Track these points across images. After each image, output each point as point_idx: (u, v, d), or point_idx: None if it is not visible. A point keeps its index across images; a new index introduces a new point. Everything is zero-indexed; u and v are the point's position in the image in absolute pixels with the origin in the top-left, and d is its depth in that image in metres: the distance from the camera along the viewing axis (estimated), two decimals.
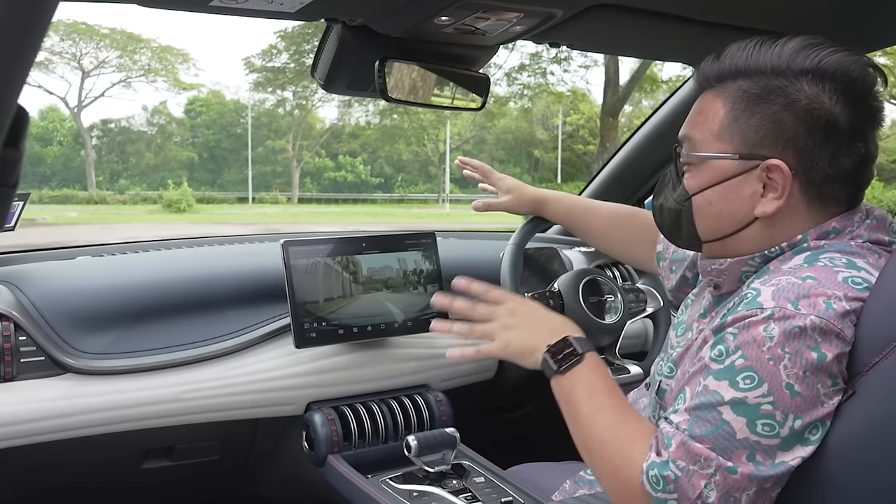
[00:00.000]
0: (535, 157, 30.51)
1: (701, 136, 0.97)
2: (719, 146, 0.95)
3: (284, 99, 30.49)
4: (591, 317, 1.67)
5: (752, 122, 0.92)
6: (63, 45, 27.07)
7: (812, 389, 0.81)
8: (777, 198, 0.92)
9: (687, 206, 0.99)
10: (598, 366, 0.97)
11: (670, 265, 1.28)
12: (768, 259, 0.95)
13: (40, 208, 23.14)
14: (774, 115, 0.91)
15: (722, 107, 0.95)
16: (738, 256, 0.97)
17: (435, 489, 1.25)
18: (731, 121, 0.94)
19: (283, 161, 31.14)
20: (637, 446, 0.88)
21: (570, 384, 0.96)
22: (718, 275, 1.00)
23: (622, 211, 1.50)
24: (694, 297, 1.14)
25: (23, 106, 0.50)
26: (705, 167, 0.96)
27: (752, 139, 0.92)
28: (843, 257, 0.89)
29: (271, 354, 1.42)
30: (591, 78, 51.66)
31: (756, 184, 0.93)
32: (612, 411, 0.92)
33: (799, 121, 0.90)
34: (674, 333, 1.12)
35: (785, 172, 0.90)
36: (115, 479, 1.43)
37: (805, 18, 1.28)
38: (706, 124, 0.96)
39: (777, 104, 0.91)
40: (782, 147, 0.91)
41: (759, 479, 0.81)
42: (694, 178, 0.98)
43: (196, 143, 32.45)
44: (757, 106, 0.92)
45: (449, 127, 30.23)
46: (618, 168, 1.95)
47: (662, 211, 1.05)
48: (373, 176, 33.11)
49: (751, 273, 0.97)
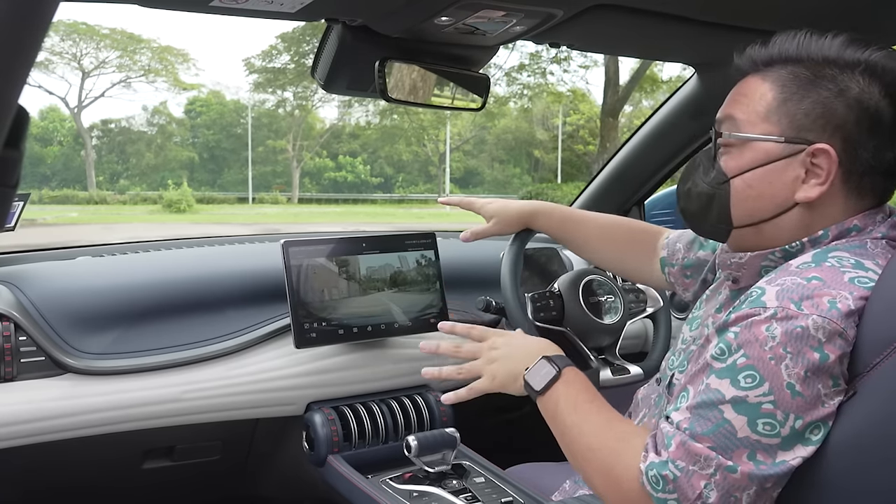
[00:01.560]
0: (535, 158, 30.50)
1: (745, 116, 0.95)
2: (765, 128, 0.94)
3: (285, 99, 30.54)
4: (590, 317, 1.67)
5: (801, 106, 0.92)
6: (63, 46, 27.09)
7: (813, 390, 0.81)
8: (820, 183, 0.91)
9: (723, 190, 0.97)
10: (577, 379, 0.99)
11: (683, 271, 1.28)
12: (789, 255, 0.94)
13: (40, 208, 23.14)
14: (826, 100, 0.91)
15: (770, 89, 0.94)
16: (769, 246, 0.96)
17: (435, 489, 1.25)
18: (780, 103, 0.93)
19: (283, 161, 31.14)
20: (628, 446, 0.88)
21: (552, 402, 0.98)
22: (738, 268, 1.00)
23: (616, 221, 1.47)
24: (710, 292, 1.13)
25: (23, 106, 0.50)
26: (747, 148, 0.95)
27: (800, 122, 0.92)
28: (851, 257, 0.89)
29: (271, 354, 1.42)
30: (591, 78, 51.65)
31: (799, 168, 0.92)
32: (597, 417, 0.94)
33: (850, 109, 0.90)
34: (688, 328, 1.11)
35: (832, 158, 0.90)
36: (115, 479, 1.43)
37: (805, 19, 1.28)
38: (751, 105, 0.95)
39: (829, 90, 0.91)
40: (830, 133, 0.90)
41: (760, 478, 0.81)
42: (734, 160, 0.96)
43: (196, 144, 32.44)
44: (808, 90, 0.91)
45: (449, 127, 30.25)
46: (618, 168, 1.95)
47: (690, 195, 1.03)
48: (373, 176, 33.11)
49: (770, 268, 0.96)
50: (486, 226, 1.50)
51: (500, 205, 1.50)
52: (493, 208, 1.50)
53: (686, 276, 1.27)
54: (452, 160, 31.49)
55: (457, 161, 32.22)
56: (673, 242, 1.31)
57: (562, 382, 0.98)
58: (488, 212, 1.50)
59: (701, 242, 1.26)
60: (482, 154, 32.54)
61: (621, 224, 1.45)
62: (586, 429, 0.93)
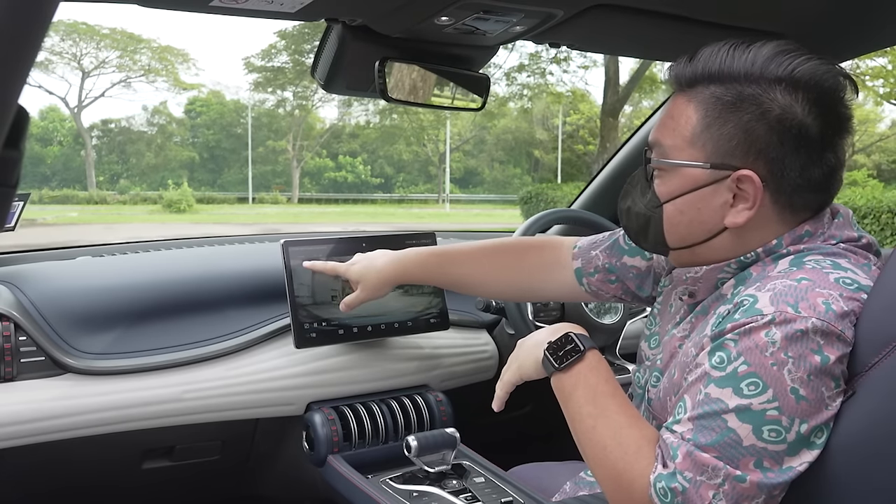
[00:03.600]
0: (535, 158, 30.50)
1: (672, 141, 0.95)
2: (691, 154, 0.94)
3: (284, 99, 30.51)
4: (590, 317, 1.67)
5: (724, 131, 0.91)
6: (63, 45, 27.07)
7: (817, 393, 0.81)
8: (748, 208, 0.91)
9: (657, 213, 0.98)
10: (601, 365, 0.95)
11: (606, 276, 1.23)
12: (744, 265, 0.95)
13: (40, 208, 23.13)
14: (747, 124, 0.90)
15: (695, 112, 0.93)
16: (709, 263, 0.97)
17: (435, 489, 1.25)
18: (704, 128, 0.92)
19: (284, 161, 31.14)
20: (642, 455, 0.87)
21: (571, 383, 0.94)
22: (694, 283, 1.00)
23: (504, 245, 1.31)
24: (660, 306, 1.12)
25: (23, 106, 0.50)
26: (676, 174, 0.95)
27: (723, 148, 0.91)
28: (825, 259, 0.89)
29: (271, 354, 1.42)
30: (590, 78, 51.66)
31: (726, 193, 0.92)
32: (616, 415, 0.91)
33: (771, 130, 0.89)
34: (646, 345, 1.11)
35: (756, 183, 0.90)
36: (115, 479, 1.43)
37: (805, 19, 1.28)
38: (678, 130, 0.95)
39: (750, 113, 0.90)
40: (754, 157, 0.90)
41: (769, 487, 0.81)
42: (664, 185, 0.97)
43: (196, 144, 32.43)
44: (730, 114, 0.91)
45: (449, 127, 30.24)
46: (618, 168, 1.96)
47: (630, 215, 1.03)
48: (373, 176, 33.10)
49: (727, 279, 0.97)
50: (354, 294, 1.35)
51: (362, 268, 1.34)
52: (356, 272, 1.34)
53: (610, 281, 1.23)
54: (452, 160, 31.50)
55: (457, 161, 32.23)
56: (586, 251, 1.25)
57: (585, 364, 0.94)
58: (352, 276, 1.35)
59: (623, 248, 1.22)
60: (482, 154, 32.54)
61: (509, 247, 1.31)
62: (601, 425, 0.90)
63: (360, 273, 1.34)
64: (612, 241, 1.24)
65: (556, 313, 1.69)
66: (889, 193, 9.79)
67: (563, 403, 0.96)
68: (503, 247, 1.31)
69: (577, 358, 0.95)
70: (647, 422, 0.93)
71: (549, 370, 0.97)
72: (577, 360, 0.95)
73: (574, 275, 1.26)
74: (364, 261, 1.35)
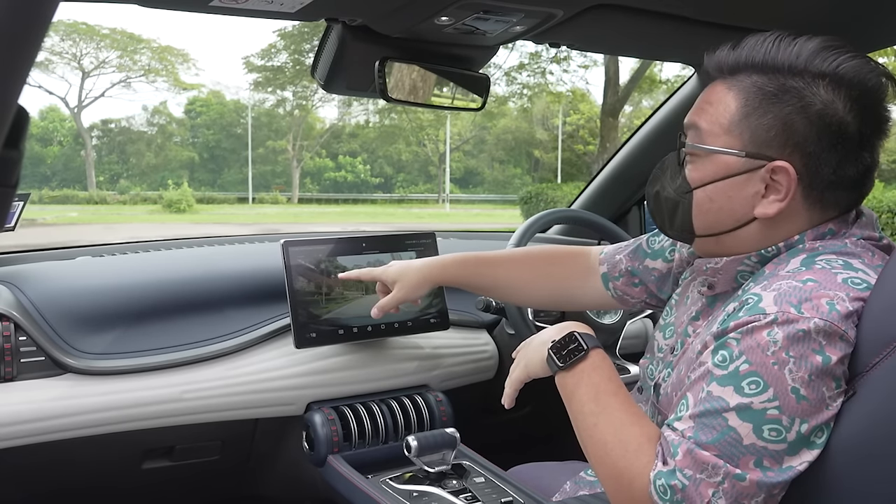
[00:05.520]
0: (535, 157, 30.51)
1: (709, 126, 0.95)
2: (727, 141, 0.93)
3: (284, 99, 30.51)
4: (590, 317, 1.67)
5: (763, 121, 0.91)
6: (63, 45, 27.07)
7: (818, 393, 0.81)
8: (779, 200, 0.91)
9: (687, 199, 0.98)
10: (605, 364, 0.96)
11: (630, 279, 1.25)
12: (765, 259, 0.95)
13: (40, 208, 23.13)
14: (787, 116, 0.90)
15: (734, 100, 0.93)
16: (732, 254, 0.97)
17: (435, 489, 1.25)
18: (743, 116, 0.92)
19: (283, 161, 31.13)
20: (642, 452, 0.87)
21: (574, 381, 0.95)
22: (713, 274, 1.00)
23: (537, 253, 1.34)
24: (678, 297, 1.12)
25: (23, 106, 0.50)
26: (709, 160, 0.95)
27: (761, 138, 0.91)
28: (838, 259, 0.89)
29: (271, 354, 1.42)
30: (590, 78, 51.65)
31: (759, 184, 0.92)
32: (618, 414, 0.91)
33: (811, 125, 0.89)
34: (661, 335, 1.11)
35: (791, 175, 0.90)
36: (115, 479, 1.43)
37: (805, 19, 1.28)
38: (715, 116, 0.95)
39: (791, 105, 0.89)
40: (790, 150, 0.90)
41: (768, 486, 0.81)
42: (697, 171, 0.97)
43: (196, 144, 32.43)
44: (770, 104, 0.91)
45: (449, 127, 30.24)
46: (618, 168, 1.95)
47: (658, 199, 1.03)
48: (373, 176, 33.10)
49: (747, 273, 0.97)
50: (391, 295, 1.33)
51: (400, 268, 1.34)
52: (394, 273, 1.34)
53: (634, 284, 1.25)
54: (452, 160, 31.50)
55: (457, 161, 32.23)
56: (611, 256, 1.28)
57: (589, 363, 0.95)
58: (389, 277, 1.34)
59: (646, 251, 1.24)
60: (482, 154, 32.54)
61: (543, 254, 1.34)
62: (602, 423, 0.91)
63: (397, 273, 1.34)
64: (636, 245, 1.26)
65: (557, 313, 1.69)
66: (889, 193, 9.78)
67: (566, 401, 0.96)
68: (537, 254, 1.34)
69: (580, 357, 0.95)
70: (649, 420, 0.93)
71: (552, 368, 0.98)
72: (580, 359, 0.95)
73: (601, 280, 1.28)
74: (400, 264, 1.36)
